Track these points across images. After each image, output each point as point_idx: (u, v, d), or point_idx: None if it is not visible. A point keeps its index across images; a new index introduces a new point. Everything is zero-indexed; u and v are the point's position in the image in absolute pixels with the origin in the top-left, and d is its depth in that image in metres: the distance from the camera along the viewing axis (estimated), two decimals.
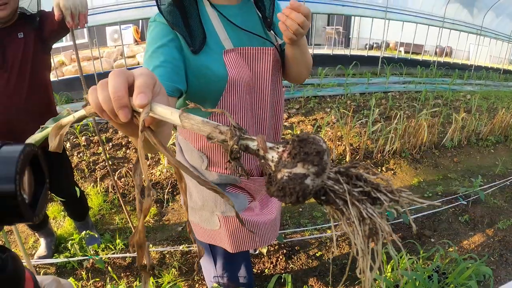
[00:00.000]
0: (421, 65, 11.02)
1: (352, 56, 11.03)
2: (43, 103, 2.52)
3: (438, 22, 11.57)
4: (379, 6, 10.24)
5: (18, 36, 2.32)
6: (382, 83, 8.94)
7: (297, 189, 0.47)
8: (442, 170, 4.54)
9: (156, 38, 1.23)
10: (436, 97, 7.91)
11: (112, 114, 0.61)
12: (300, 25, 1.19)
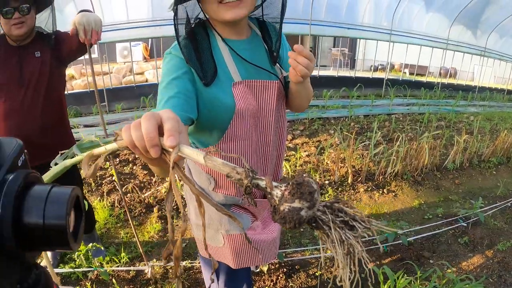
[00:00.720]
0: (425, 87, 11.10)
1: (357, 78, 11.16)
2: (57, 118, 2.64)
3: (442, 44, 11.69)
4: (384, 28, 10.41)
5: (35, 54, 2.43)
6: (386, 105, 9.04)
7: (295, 218, 0.64)
8: (443, 192, 4.56)
9: (172, 70, 1.33)
10: (439, 119, 7.97)
11: (144, 151, 0.73)
12: (306, 67, 1.29)
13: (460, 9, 10.95)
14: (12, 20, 2.26)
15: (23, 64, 2.40)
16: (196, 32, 1.40)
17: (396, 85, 10.44)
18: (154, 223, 3.67)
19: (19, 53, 2.40)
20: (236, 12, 1.28)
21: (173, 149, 0.70)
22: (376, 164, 4.84)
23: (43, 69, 2.45)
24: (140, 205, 3.97)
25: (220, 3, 1.28)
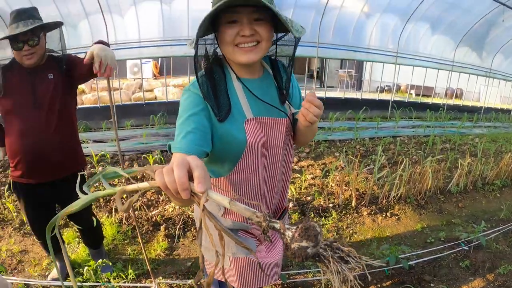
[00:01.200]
0: (431, 108, 11.15)
1: (363, 99, 11.24)
2: (69, 135, 2.77)
3: (447, 66, 11.76)
4: (390, 51, 10.51)
5: (48, 76, 2.56)
6: (392, 127, 9.10)
7: (303, 254, 0.80)
8: (446, 216, 4.56)
9: (190, 106, 1.44)
10: (444, 141, 8.01)
11: (175, 192, 0.86)
12: (316, 116, 1.41)
13: (465, 31, 11.05)
14: (22, 52, 2.40)
15: (37, 87, 2.52)
16: (213, 70, 1.51)
17: (402, 107, 10.51)
18: (161, 241, 3.73)
19: (32, 76, 2.52)
20: (250, 56, 1.40)
21: (202, 194, 0.84)
22: (380, 187, 4.85)
23: (56, 90, 2.57)
24: (148, 223, 4.04)
25: (236, 46, 1.40)
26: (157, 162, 5.71)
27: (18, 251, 3.65)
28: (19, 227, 4.08)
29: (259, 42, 1.40)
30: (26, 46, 2.39)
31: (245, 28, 1.36)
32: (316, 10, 9.10)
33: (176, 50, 8.64)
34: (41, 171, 2.63)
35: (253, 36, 1.39)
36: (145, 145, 6.89)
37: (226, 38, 1.39)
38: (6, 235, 3.97)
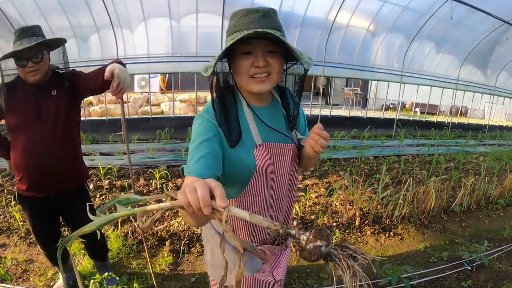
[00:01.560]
0: (436, 127, 11.23)
1: (368, 118, 11.35)
2: (72, 150, 2.80)
3: (452, 84, 11.86)
4: (395, 70, 10.59)
5: (52, 93, 2.60)
6: (396, 146, 9.15)
7: (317, 252, 0.93)
8: (450, 235, 4.56)
9: (203, 132, 1.52)
10: (448, 160, 8.04)
11: (197, 209, 0.95)
12: (323, 147, 1.53)
13: (470, 50, 11.17)
14: (26, 69, 2.46)
15: (41, 103, 2.57)
16: (225, 97, 1.59)
17: (407, 126, 10.59)
18: (166, 256, 3.75)
19: (36, 92, 2.57)
20: (262, 86, 1.49)
21: (224, 209, 0.94)
22: (383, 206, 4.87)
23: (59, 106, 2.61)
24: (153, 238, 4.07)
25: (251, 77, 1.49)
26: (163, 177, 5.78)
27: (24, 260, 3.69)
28: (25, 236, 4.13)
29: (270, 73, 1.49)
30: (30, 63, 2.44)
31: (259, 59, 1.45)
32: (322, 29, 9.21)
33: (184, 66, 8.76)
34: (45, 186, 2.69)
35: (266, 67, 1.47)
36: (152, 160, 6.95)
37: (242, 69, 1.48)
38: (12, 244, 4.02)
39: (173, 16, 8.32)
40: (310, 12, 8.85)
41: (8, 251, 3.88)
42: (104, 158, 7.06)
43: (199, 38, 8.60)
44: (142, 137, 8.79)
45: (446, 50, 11.20)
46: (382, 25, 9.85)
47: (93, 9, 8.08)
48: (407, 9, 9.37)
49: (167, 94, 13.76)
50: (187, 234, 4.11)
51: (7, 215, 4.58)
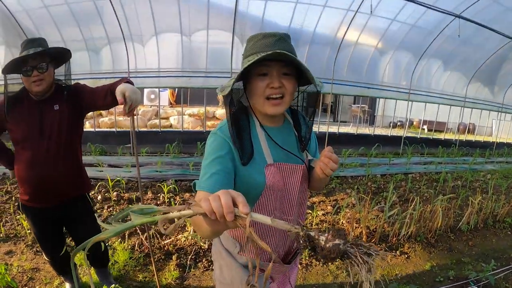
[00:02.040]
0: (443, 144, 11.21)
1: (376, 135, 11.40)
2: (74, 163, 2.85)
3: (459, 102, 11.89)
4: (403, 88, 10.65)
5: (54, 107, 2.65)
6: (404, 164, 9.14)
7: (336, 249, 1.02)
8: (456, 254, 4.53)
9: (216, 149, 1.58)
10: (455, 178, 8.01)
11: (220, 216, 1.01)
12: (332, 170, 1.58)
13: (477, 67, 11.22)
14: (31, 78, 2.50)
15: (43, 118, 2.61)
16: (239, 117, 1.66)
17: (414, 143, 10.60)
18: (172, 271, 3.76)
19: (39, 107, 2.62)
20: (277, 109, 1.58)
21: (247, 215, 1.00)
22: (390, 225, 4.87)
23: (62, 121, 2.66)
24: (160, 252, 4.09)
25: (266, 99, 1.56)
26: (171, 191, 5.83)
27: (30, 268, 3.73)
28: (32, 244, 4.18)
29: (284, 95, 1.57)
30: (35, 71, 2.49)
31: (274, 81, 1.53)
32: (331, 46, 9.31)
33: (193, 82, 8.87)
34: (48, 197, 2.73)
35: (280, 88, 1.55)
36: (160, 173, 7.01)
37: (258, 90, 1.56)
38: (18, 251, 4.07)
39: (184, 32, 8.44)
40: (319, 29, 8.96)
41: (14, 258, 3.93)
42: (112, 170, 7.13)
43: (209, 54, 8.71)
44: (150, 150, 8.85)
45: (453, 68, 11.27)
46: (390, 43, 9.94)
47: (105, 22, 8.22)
48: (415, 27, 9.46)
49: (176, 108, 13.85)
50: (194, 249, 4.13)
51: (15, 223, 4.66)
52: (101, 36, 8.52)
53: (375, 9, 8.37)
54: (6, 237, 4.37)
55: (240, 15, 8.19)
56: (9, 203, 5.27)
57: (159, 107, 11.28)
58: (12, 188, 5.98)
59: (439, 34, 9.62)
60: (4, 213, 5.03)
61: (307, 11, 8.49)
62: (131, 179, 6.55)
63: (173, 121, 13.02)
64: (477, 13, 9.01)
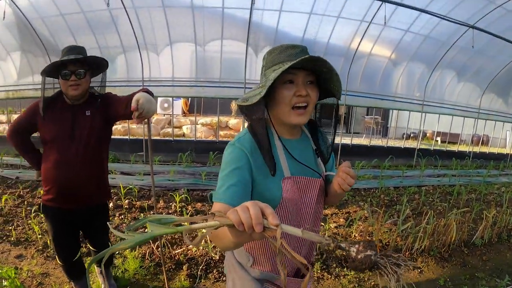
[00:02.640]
0: (457, 156, 11.13)
1: (389, 147, 11.36)
2: (100, 169, 2.94)
3: (473, 113, 11.81)
4: (416, 99, 10.62)
5: (86, 113, 2.76)
6: (417, 176, 9.08)
7: (368, 260, 1.03)
8: (470, 269, 4.46)
9: (234, 160, 1.58)
10: (469, 191, 7.94)
11: (249, 227, 1.00)
12: (350, 185, 1.57)
13: (491, 78, 11.18)
14: (69, 82, 2.61)
15: (75, 122, 2.72)
16: (258, 129, 1.64)
17: (428, 155, 10.54)
18: (183, 281, 3.75)
19: (72, 111, 2.73)
20: (301, 118, 1.58)
21: (277, 226, 1.00)
22: (403, 238, 4.81)
23: (92, 127, 2.76)
24: (170, 261, 4.09)
25: (292, 109, 1.57)
26: (183, 201, 5.84)
27: (39, 273, 3.75)
28: (42, 249, 4.21)
29: (308, 104, 1.57)
30: (73, 76, 2.61)
31: (301, 89, 1.54)
32: (345, 57, 9.33)
33: (207, 91, 8.92)
34: (71, 200, 2.80)
35: (306, 97, 1.55)
36: (172, 182, 7.04)
37: (284, 99, 1.56)
38: (29, 256, 4.11)
39: (198, 42, 8.51)
40: (333, 40, 8.99)
41: (24, 262, 3.97)
42: (124, 177, 7.20)
43: (223, 64, 8.77)
44: (163, 159, 8.90)
45: (467, 79, 11.22)
46: (404, 54, 9.93)
47: (120, 31, 8.33)
48: (428, 38, 9.46)
49: (189, 117, 13.94)
50: (205, 259, 4.13)
51: (26, 227, 4.71)
52: (116, 45, 8.64)
53: (389, 20, 8.38)
54: (17, 241, 4.43)
55: (254, 26, 8.26)
56: (21, 207, 5.34)
57: (172, 116, 11.34)
58: (25, 192, 6.06)
59: (453, 45, 9.60)
60: (16, 217, 5.11)
61: (321, 22, 8.53)
62: (143, 187, 6.59)
63: (186, 130, 13.08)
64: (491, 24, 9.01)
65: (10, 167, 8.02)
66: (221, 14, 8.13)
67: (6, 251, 4.20)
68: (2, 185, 6.60)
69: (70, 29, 8.35)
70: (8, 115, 12.20)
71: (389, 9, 8.15)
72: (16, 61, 9.40)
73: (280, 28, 8.52)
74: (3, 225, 4.83)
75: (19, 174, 7.21)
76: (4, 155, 8.53)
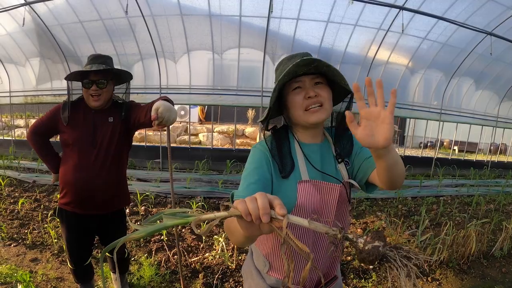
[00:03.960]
0: (475, 166, 11.03)
1: (406, 157, 11.25)
2: (119, 176, 2.95)
3: (491, 122, 11.73)
4: (434, 108, 10.52)
5: (109, 120, 2.79)
6: (435, 186, 8.99)
7: (376, 252, 0.97)
8: (489, 282, 4.38)
9: (255, 160, 1.63)
10: (488, 201, 7.84)
11: (256, 217, 1.00)
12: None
13: (509, 86, 11.06)
14: (90, 91, 2.66)
15: (97, 127, 2.75)
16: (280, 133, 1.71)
17: (445, 165, 10.45)
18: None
19: (94, 116, 2.77)
20: (318, 115, 1.59)
21: (283, 216, 1.00)
22: (422, 250, 4.75)
23: (114, 133, 2.79)
24: (186, 269, 4.09)
25: (306, 110, 1.60)
26: (199, 208, 5.83)
27: (54, 277, 3.77)
28: (58, 253, 4.25)
29: (322, 104, 1.60)
30: (94, 85, 2.64)
31: (309, 90, 1.58)
32: (362, 66, 9.31)
33: (224, 99, 8.96)
34: (88, 205, 2.82)
35: (317, 97, 1.58)
36: (188, 190, 7.06)
37: (296, 104, 1.61)
38: (44, 260, 4.14)
39: (216, 50, 8.56)
40: (350, 48, 8.97)
41: (39, 266, 4.00)
42: (140, 184, 7.25)
43: (240, 72, 8.82)
44: (179, 166, 8.96)
45: (485, 87, 11.12)
46: (421, 62, 9.86)
47: (138, 38, 8.43)
48: (446, 46, 9.40)
49: (205, 125, 14.00)
50: (221, 268, 4.11)
51: (42, 231, 4.76)
52: (134, 52, 8.74)
53: (406, 27, 8.34)
54: (32, 244, 4.48)
55: (271, 34, 8.29)
56: (37, 211, 5.41)
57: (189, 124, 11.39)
58: (41, 196, 6.14)
59: (471, 52, 9.53)
60: (32, 220, 5.17)
61: (338, 31, 8.53)
62: (159, 194, 6.62)
63: (202, 138, 13.15)
64: (509, 30, 8.92)
65: (28, 171, 8.13)
66: (238, 22, 8.19)
67: (21, 254, 4.25)
68: (19, 189, 6.70)
69: (88, 36, 8.48)
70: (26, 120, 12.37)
71: (406, 16, 8.12)
72: (35, 67, 9.57)
73: (297, 37, 8.54)
74: (19, 228, 4.90)
75: (36, 178, 7.30)
76: (22, 159, 8.65)
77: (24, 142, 10.46)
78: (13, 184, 6.99)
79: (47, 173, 7.63)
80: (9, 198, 6.07)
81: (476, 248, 4.78)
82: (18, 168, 8.04)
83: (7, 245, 4.43)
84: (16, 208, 5.48)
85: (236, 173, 9.11)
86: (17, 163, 8.14)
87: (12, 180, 7.22)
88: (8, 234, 4.68)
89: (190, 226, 1.37)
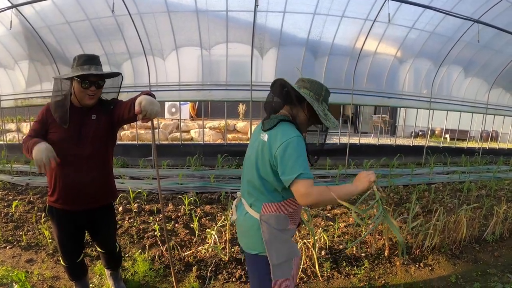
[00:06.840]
0: (466, 153, 11.06)
1: (397, 146, 11.31)
2: (105, 171, 3.02)
3: (481, 109, 11.76)
4: (424, 96, 10.56)
5: (92, 117, 2.84)
6: (426, 174, 9.04)
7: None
8: (482, 266, 4.41)
9: (304, 149, 2.11)
10: (479, 187, 7.90)
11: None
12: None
13: (498, 72, 11.12)
14: (87, 91, 2.72)
15: (82, 125, 2.80)
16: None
17: (437, 153, 10.47)
18: (192, 282, 3.76)
19: (80, 114, 2.81)
20: None
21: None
22: (413, 236, 4.77)
23: (98, 130, 2.84)
24: (180, 263, 4.12)
25: None
26: (191, 204, 5.88)
27: (50, 276, 3.80)
28: (53, 253, 4.27)
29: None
30: (93, 87, 2.72)
31: None
32: (350, 57, 9.30)
33: (214, 94, 8.96)
34: (75, 201, 2.87)
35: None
36: (181, 186, 7.07)
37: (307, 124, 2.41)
38: (39, 260, 4.17)
39: (204, 46, 8.55)
40: (337, 40, 8.97)
41: (35, 266, 4.02)
42: (133, 182, 7.26)
43: (229, 67, 8.82)
44: (171, 163, 8.95)
45: (474, 74, 11.15)
46: (409, 51, 9.89)
47: (126, 37, 8.42)
48: (433, 34, 9.43)
49: (196, 121, 13.98)
50: (214, 261, 4.15)
51: (36, 232, 4.78)
52: (122, 51, 8.72)
53: (393, 17, 8.35)
54: (27, 245, 4.50)
55: (259, 28, 8.28)
56: (31, 213, 5.44)
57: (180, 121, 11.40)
58: (35, 198, 6.16)
59: (458, 40, 9.57)
60: (26, 222, 5.20)
61: (325, 22, 8.53)
62: (152, 191, 6.64)
63: (194, 134, 13.15)
64: (496, 17, 8.96)
65: (20, 174, 8.11)
66: (225, 17, 8.18)
67: (17, 255, 4.27)
68: (12, 192, 6.71)
69: (76, 37, 8.45)
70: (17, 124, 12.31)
71: (393, 6, 8.11)
72: (24, 70, 9.53)
73: (284, 30, 8.53)
74: (14, 231, 4.91)
75: (29, 181, 7.29)
76: (14, 163, 8.62)
77: (16, 145, 10.42)
78: (7, 188, 6.98)
79: (40, 175, 7.62)
80: (3, 202, 6.07)
81: (467, 233, 4.83)
82: (11, 171, 8.01)
83: (2, 248, 4.45)
84: (10, 211, 5.48)
85: (228, 167, 9.11)
86: (9, 167, 8.10)
87: (6, 184, 7.22)
88: (3, 237, 4.70)
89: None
